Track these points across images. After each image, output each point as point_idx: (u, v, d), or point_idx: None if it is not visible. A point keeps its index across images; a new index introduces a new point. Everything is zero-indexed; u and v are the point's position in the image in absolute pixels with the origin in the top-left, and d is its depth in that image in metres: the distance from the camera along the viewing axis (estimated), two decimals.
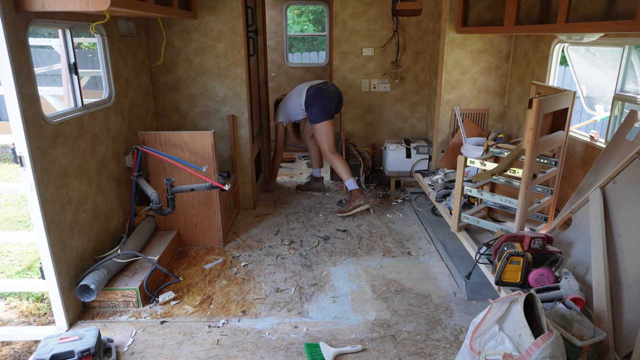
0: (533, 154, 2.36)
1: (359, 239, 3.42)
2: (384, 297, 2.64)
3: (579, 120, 5.49)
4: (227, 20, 3.49)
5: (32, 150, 2.07)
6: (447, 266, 2.98)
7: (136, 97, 3.31)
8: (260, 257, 3.14)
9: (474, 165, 2.76)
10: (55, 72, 5.88)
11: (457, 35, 3.88)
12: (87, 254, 2.56)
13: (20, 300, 2.68)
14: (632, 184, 2.09)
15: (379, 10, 4.37)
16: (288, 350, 2.20)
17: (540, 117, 2.28)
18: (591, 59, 3.50)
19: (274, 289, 2.73)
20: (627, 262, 1.94)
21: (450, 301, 2.59)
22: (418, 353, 2.17)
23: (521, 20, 3.09)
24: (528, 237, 2.19)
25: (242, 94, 3.66)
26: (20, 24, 2.03)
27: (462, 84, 4.09)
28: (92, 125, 2.64)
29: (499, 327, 1.65)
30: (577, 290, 1.94)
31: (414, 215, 3.87)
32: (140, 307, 2.52)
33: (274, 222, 3.73)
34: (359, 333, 2.32)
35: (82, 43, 5.83)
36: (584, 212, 2.30)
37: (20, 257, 3.29)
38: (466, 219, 2.85)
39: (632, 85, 2.87)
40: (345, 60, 4.46)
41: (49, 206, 2.18)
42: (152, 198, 2.79)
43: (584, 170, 2.88)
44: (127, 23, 3.13)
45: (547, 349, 1.49)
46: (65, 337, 2.08)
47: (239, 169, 3.86)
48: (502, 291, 2.17)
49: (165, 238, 3.06)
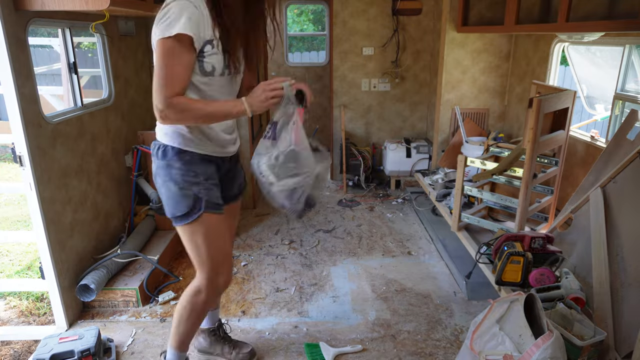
0: (533, 154, 2.36)
1: (359, 238, 3.41)
2: (384, 297, 2.64)
3: (580, 119, 5.48)
4: None
5: (32, 149, 2.07)
6: (448, 266, 2.98)
7: (136, 97, 3.30)
8: (260, 256, 3.13)
9: (474, 165, 2.75)
10: (55, 72, 5.87)
11: (458, 34, 3.88)
12: (86, 254, 2.55)
13: (20, 300, 2.68)
14: (632, 184, 2.09)
15: (379, 9, 4.36)
16: (288, 350, 2.20)
17: (540, 116, 2.28)
18: (591, 59, 3.50)
19: (274, 289, 2.73)
20: (628, 262, 1.94)
21: (451, 301, 2.59)
22: (418, 353, 2.17)
23: (521, 19, 3.09)
24: (528, 237, 2.19)
25: None
26: (19, 24, 2.02)
27: (462, 83, 4.08)
28: (91, 125, 2.63)
29: (500, 327, 1.65)
30: (578, 290, 1.94)
31: (414, 214, 3.87)
32: (140, 306, 2.52)
33: (274, 221, 3.73)
34: (359, 333, 2.32)
35: (81, 42, 5.83)
36: (584, 211, 2.30)
37: (20, 256, 3.29)
38: (466, 218, 2.85)
39: (633, 84, 2.86)
40: (345, 60, 4.45)
41: (48, 206, 2.18)
42: (151, 198, 2.78)
43: (584, 170, 2.87)
44: (126, 22, 3.12)
45: (548, 349, 1.49)
46: (65, 336, 2.07)
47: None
48: (503, 291, 2.17)
49: (165, 238, 3.05)
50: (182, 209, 1.64)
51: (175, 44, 1.47)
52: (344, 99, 4.47)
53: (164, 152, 1.67)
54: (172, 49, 1.48)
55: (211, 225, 1.68)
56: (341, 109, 4.47)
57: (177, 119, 1.56)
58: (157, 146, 1.69)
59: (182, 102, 1.53)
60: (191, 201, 1.64)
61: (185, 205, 1.64)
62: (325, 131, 6.14)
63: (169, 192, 1.66)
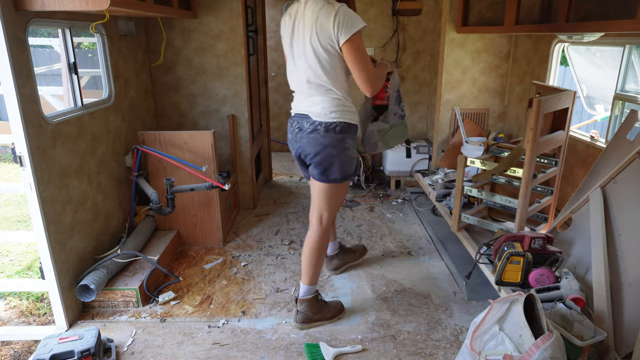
0: (533, 154, 2.36)
1: (359, 239, 3.41)
2: (384, 297, 2.64)
3: (579, 120, 5.48)
4: (227, 20, 3.48)
5: (32, 150, 2.07)
6: (447, 266, 2.98)
7: (136, 97, 3.31)
8: (260, 257, 3.13)
9: (474, 165, 2.75)
10: (55, 72, 5.87)
11: (458, 34, 3.88)
12: (87, 254, 2.55)
13: (20, 300, 2.68)
14: (632, 184, 2.09)
15: (379, 9, 4.37)
16: (288, 350, 2.20)
17: (540, 116, 2.28)
18: (591, 59, 3.50)
19: (274, 289, 2.73)
20: (628, 262, 1.94)
21: (451, 301, 2.59)
22: (418, 353, 2.17)
23: (521, 20, 3.09)
24: (528, 237, 2.19)
25: (242, 94, 3.66)
26: (20, 24, 2.02)
27: (462, 83, 4.08)
28: (92, 125, 2.64)
29: (500, 327, 1.65)
30: (578, 290, 1.94)
31: (414, 215, 3.87)
32: (140, 307, 2.52)
33: (274, 222, 3.73)
34: (359, 333, 2.32)
35: (82, 43, 5.83)
36: (584, 212, 2.30)
37: (20, 257, 3.29)
38: (466, 218, 2.85)
39: (633, 85, 2.87)
40: None
41: (48, 206, 2.18)
42: (152, 198, 2.79)
43: (584, 170, 2.88)
44: (127, 23, 3.13)
45: (548, 349, 1.49)
46: (65, 337, 2.07)
47: (239, 169, 3.85)
48: (502, 291, 2.17)
49: (165, 238, 3.05)
50: (350, 171, 2.21)
51: (360, 35, 2.01)
52: None
53: (341, 128, 2.12)
54: (360, 39, 2.02)
55: (348, 183, 2.30)
56: None
57: (379, 84, 2.13)
58: (330, 123, 2.11)
59: (377, 72, 2.14)
60: (355, 164, 2.24)
61: (352, 167, 2.22)
62: None
63: (344, 159, 2.16)
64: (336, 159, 2.14)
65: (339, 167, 2.16)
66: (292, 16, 2.13)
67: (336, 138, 2.12)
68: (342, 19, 1.94)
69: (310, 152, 2.17)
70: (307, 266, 2.34)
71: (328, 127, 2.10)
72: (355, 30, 1.95)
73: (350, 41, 1.96)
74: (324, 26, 1.98)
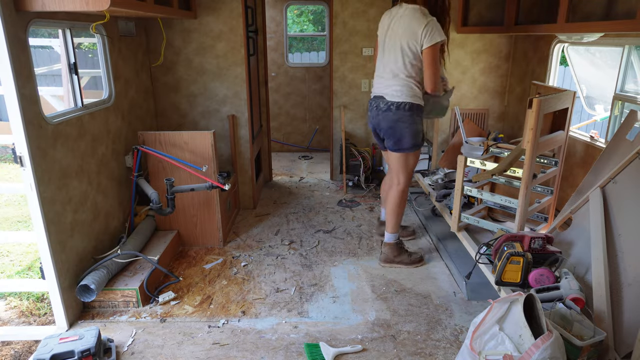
0: (533, 154, 2.36)
1: (359, 239, 3.42)
2: (384, 297, 2.64)
3: (579, 120, 5.48)
4: (227, 20, 3.49)
5: (32, 150, 2.07)
6: (447, 266, 2.98)
7: (136, 97, 3.31)
8: (260, 257, 3.14)
9: (474, 165, 2.76)
10: (55, 72, 5.87)
11: (457, 35, 3.88)
12: (87, 254, 2.56)
13: (20, 300, 2.69)
14: (632, 184, 2.09)
15: (379, 10, 4.36)
16: (288, 350, 2.20)
17: (540, 117, 2.28)
18: (591, 59, 3.50)
19: (274, 289, 2.73)
20: (627, 262, 1.94)
21: (450, 301, 2.59)
22: (418, 353, 2.17)
23: (521, 20, 3.10)
24: (528, 237, 2.19)
25: (242, 94, 3.66)
26: (20, 24, 2.03)
27: (462, 83, 4.09)
28: (92, 125, 2.64)
29: (499, 327, 1.65)
30: (577, 290, 1.94)
31: (414, 215, 3.87)
32: (140, 307, 2.52)
33: (274, 222, 3.73)
34: (359, 333, 2.32)
35: (82, 43, 5.83)
36: (584, 212, 2.30)
37: (20, 257, 3.29)
38: (466, 218, 2.85)
39: (632, 85, 2.87)
40: (345, 60, 4.45)
41: (48, 206, 2.18)
42: (152, 198, 2.79)
43: (584, 170, 2.88)
44: (127, 23, 3.13)
45: (547, 349, 1.50)
46: (65, 337, 2.08)
47: (239, 169, 3.86)
48: (502, 291, 2.17)
49: (165, 238, 3.06)
50: (418, 141, 2.76)
51: (438, 47, 2.57)
52: (344, 99, 4.48)
53: (410, 107, 2.67)
54: (437, 49, 2.57)
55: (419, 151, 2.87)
56: (341, 110, 4.47)
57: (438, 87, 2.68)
58: (400, 103, 2.67)
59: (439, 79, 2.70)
60: (422, 136, 2.79)
61: (420, 138, 2.78)
62: (325, 132, 6.14)
63: (412, 131, 2.71)
64: (406, 132, 2.69)
65: (408, 138, 2.71)
66: (391, 16, 2.73)
67: (405, 115, 2.66)
68: (429, 30, 2.49)
69: (384, 127, 2.75)
70: (390, 217, 2.92)
71: (399, 106, 2.66)
72: (436, 42, 2.50)
73: (430, 48, 2.52)
74: (415, 31, 2.54)
